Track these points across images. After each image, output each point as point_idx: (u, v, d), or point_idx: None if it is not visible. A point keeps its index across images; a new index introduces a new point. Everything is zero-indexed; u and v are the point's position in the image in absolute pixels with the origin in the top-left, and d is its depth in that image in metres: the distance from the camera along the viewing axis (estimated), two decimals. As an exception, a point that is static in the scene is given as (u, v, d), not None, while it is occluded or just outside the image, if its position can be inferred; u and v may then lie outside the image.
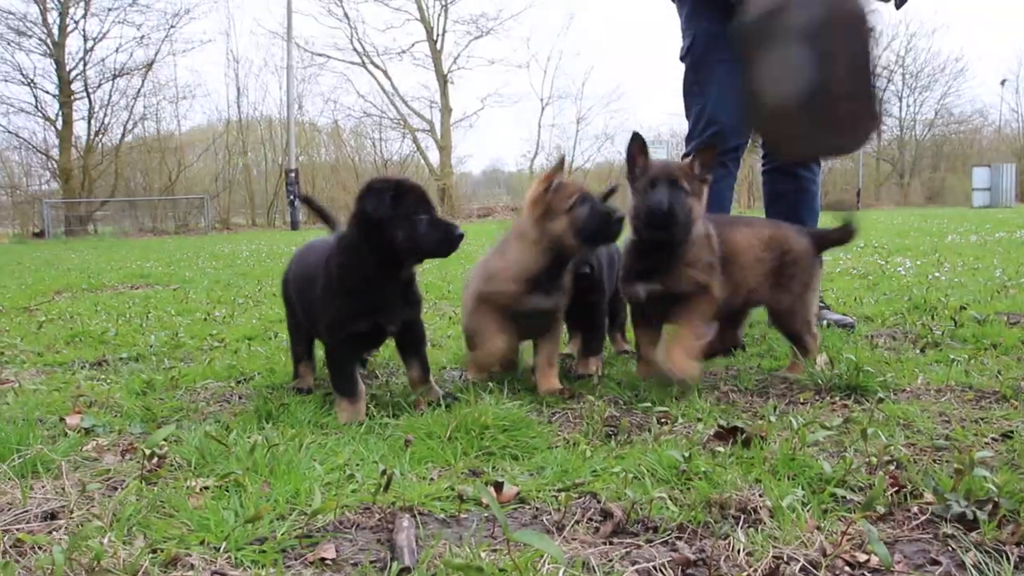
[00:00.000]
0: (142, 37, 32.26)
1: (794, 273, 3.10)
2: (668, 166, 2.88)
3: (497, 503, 1.33)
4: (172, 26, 32.21)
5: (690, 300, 2.91)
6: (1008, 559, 1.45)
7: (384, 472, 1.78)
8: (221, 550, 1.55)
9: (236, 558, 1.53)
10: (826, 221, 3.86)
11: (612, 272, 3.47)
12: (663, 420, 2.44)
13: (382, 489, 1.76)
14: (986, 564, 1.43)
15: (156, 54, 32.35)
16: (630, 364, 3.40)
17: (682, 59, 4.02)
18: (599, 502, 1.76)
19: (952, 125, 41.03)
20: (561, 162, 2.97)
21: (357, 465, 2.05)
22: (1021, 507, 1.63)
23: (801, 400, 2.75)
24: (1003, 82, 47.48)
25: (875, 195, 39.12)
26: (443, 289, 6.99)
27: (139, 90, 32.25)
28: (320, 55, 37.35)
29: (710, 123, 3.91)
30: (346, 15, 38.91)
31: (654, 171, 2.83)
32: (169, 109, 36.28)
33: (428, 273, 8.71)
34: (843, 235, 3.21)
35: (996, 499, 1.66)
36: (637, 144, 2.89)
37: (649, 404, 2.60)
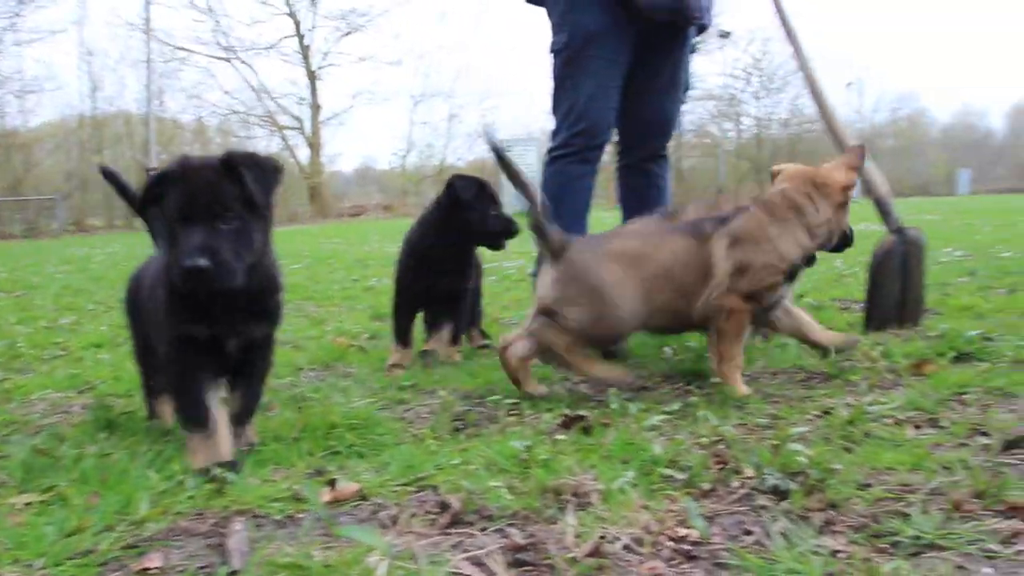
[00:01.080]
0: (-17, 26, 30.05)
1: None
2: None
3: (319, 500, 1.33)
4: (17, 14, 30.15)
5: None
6: (812, 524, 1.56)
7: (215, 477, 1.74)
8: (36, 567, 1.48)
9: (53, 573, 1.46)
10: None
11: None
12: (512, 412, 2.48)
13: (215, 494, 1.72)
14: (793, 530, 1.54)
15: (-1, 44, 30.21)
16: (484, 359, 3.45)
17: (554, 53, 4.05)
18: (438, 495, 1.78)
19: (805, 124, 43.39)
20: None
21: (194, 471, 1.99)
22: (828, 476, 1.76)
23: (648, 386, 2.86)
24: (848, 85, 50.68)
25: (736, 191, 41.01)
26: (309, 290, 6.87)
27: (-21, 83, 30.06)
28: (182, 48, 35.83)
29: (580, 118, 3.97)
30: (209, 8, 37.53)
31: None
32: (15, 103, 33.88)
33: (296, 274, 8.53)
34: None
35: (807, 470, 1.79)
36: None
37: (499, 397, 2.64)
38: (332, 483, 1.54)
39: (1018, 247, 7.31)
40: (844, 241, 3.07)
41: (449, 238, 3.40)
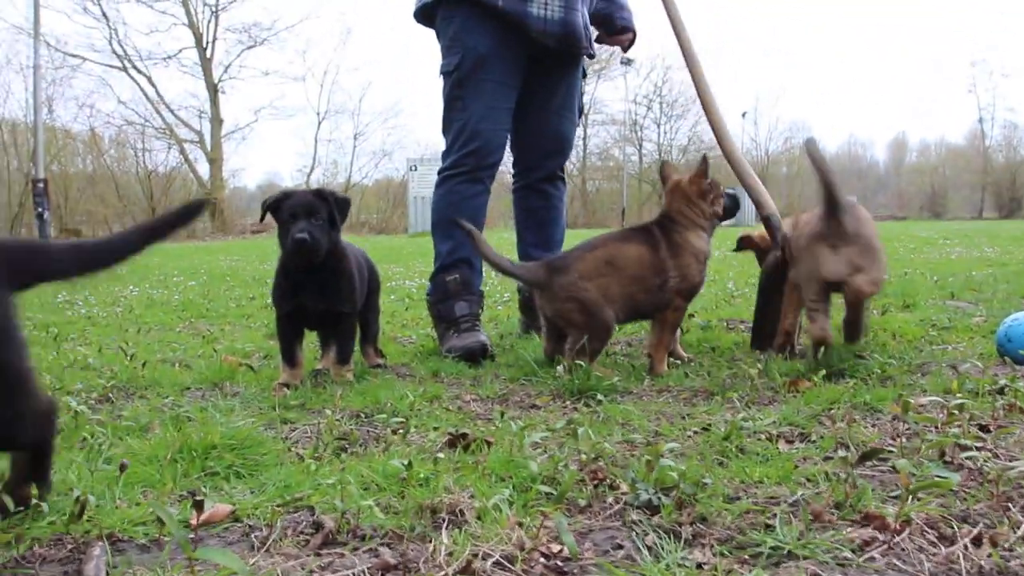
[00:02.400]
0: None
1: None
2: None
3: (175, 521, 1.29)
4: None
5: None
6: (681, 537, 1.60)
7: (77, 499, 1.67)
8: None
9: None
10: (571, 239, 4.11)
11: (363, 284, 3.51)
12: (398, 431, 2.46)
13: (75, 517, 1.64)
14: (661, 544, 1.57)
15: None
16: (374, 378, 3.42)
17: (445, 74, 4.08)
18: (313, 515, 1.75)
19: (703, 150, 44.97)
20: None
21: (60, 494, 1.90)
22: (699, 490, 1.82)
23: (536, 404, 2.89)
24: (744, 114, 52.77)
25: (638, 213, 42.03)
26: (203, 308, 6.68)
27: None
28: (74, 55, 34.48)
29: (471, 138, 4.01)
30: (104, 14, 36.15)
31: None
32: None
33: (190, 291, 8.28)
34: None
35: (680, 485, 1.83)
36: None
37: (385, 415, 2.62)
38: (200, 504, 1.49)
39: (893, 271, 7.72)
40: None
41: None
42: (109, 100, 53.08)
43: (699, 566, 1.49)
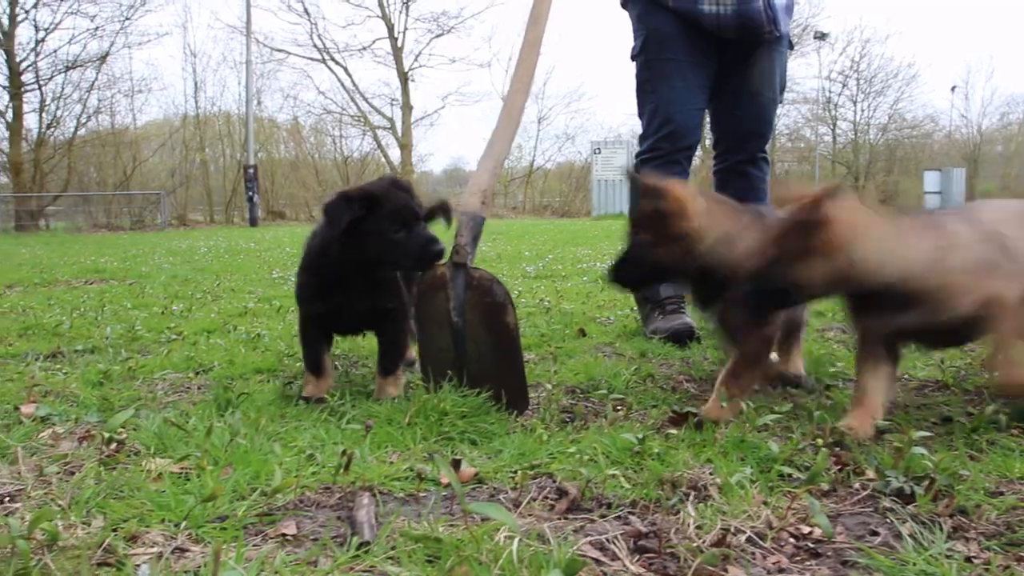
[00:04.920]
0: (96, 28, 31.45)
1: None
2: None
3: (456, 476, 1.37)
4: (127, 18, 31.52)
5: None
6: (942, 529, 1.52)
7: (344, 452, 1.81)
8: (181, 527, 1.57)
9: (197, 535, 1.54)
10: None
11: None
12: (618, 407, 2.49)
13: (342, 469, 1.79)
14: (921, 534, 1.50)
15: (111, 46, 31.63)
16: (589, 355, 3.46)
17: (633, 58, 4.06)
18: (555, 481, 1.81)
19: (905, 130, 41.92)
20: None
21: (317, 448, 2.07)
22: (955, 482, 1.72)
23: (754, 388, 2.83)
24: (953, 88, 48.71)
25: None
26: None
27: (93, 83, 31.54)
28: (280, 51, 36.92)
29: (665, 121, 3.96)
30: (306, 11, 38.43)
31: None
32: (124, 103, 35.58)
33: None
34: None
35: (933, 475, 1.74)
36: None
37: (604, 392, 2.65)
38: (457, 463, 1.58)
39: None
40: None
41: (344, 263, 2.73)
42: (310, 90, 56.65)
43: (968, 559, 1.42)
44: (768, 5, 3.85)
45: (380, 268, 2.74)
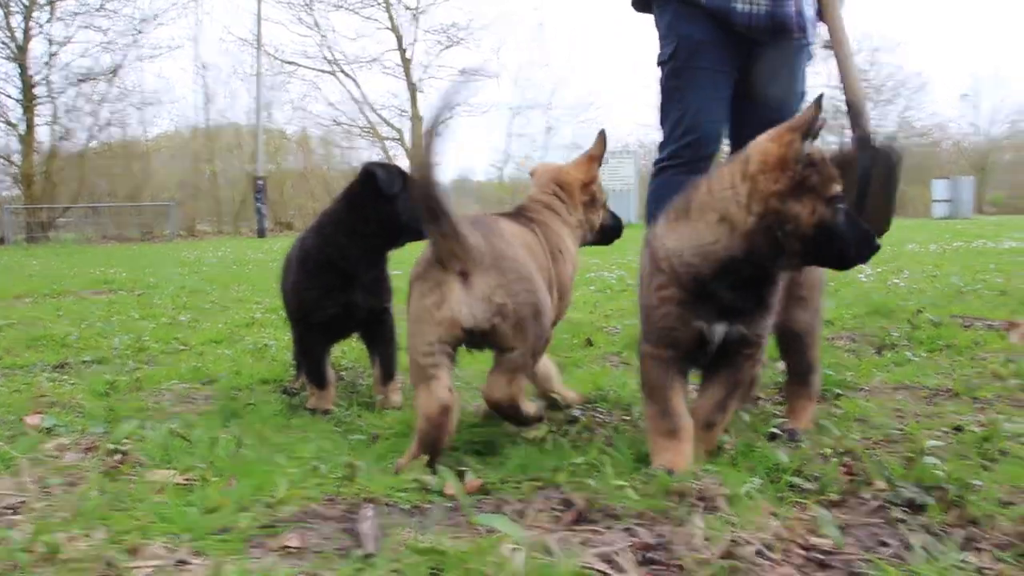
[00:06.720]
0: (108, 42, 31.73)
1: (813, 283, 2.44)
2: None
3: (461, 487, 1.35)
4: (139, 31, 31.80)
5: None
6: (953, 540, 1.50)
7: (349, 464, 1.80)
8: (183, 540, 1.56)
9: (199, 547, 1.53)
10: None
11: None
12: (624, 418, 2.47)
13: (346, 481, 1.77)
14: (932, 545, 1.48)
15: (123, 59, 31.92)
16: (594, 364, 3.44)
17: (661, 64, 4.04)
18: (561, 492, 1.79)
19: (914, 138, 41.72)
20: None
21: (321, 459, 2.06)
22: (966, 492, 1.69)
23: (760, 397, 2.80)
24: (963, 96, 48.54)
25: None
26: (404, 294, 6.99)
27: (105, 95, 31.83)
28: (289, 63, 37.05)
29: (690, 129, 3.94)
30: (316, 23, 38.58)
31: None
32: (135, 115, 35.72)
33: (399, 279, 8.67)
34: None
35: (944, 485, 1.72)
36: None
37: (610, 404, 2.64)
38: (462, 475, 1.57)
39: None
40: (613, 232, 2.98)
41: (369, 240, 2.79)
42: (319, 102, 56.76)
43: (980, 571, 1.39)
44: (799, 12, 3.86)
45: (403, 239, 2.82)
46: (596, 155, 2.82)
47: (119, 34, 31.49)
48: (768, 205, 1.83)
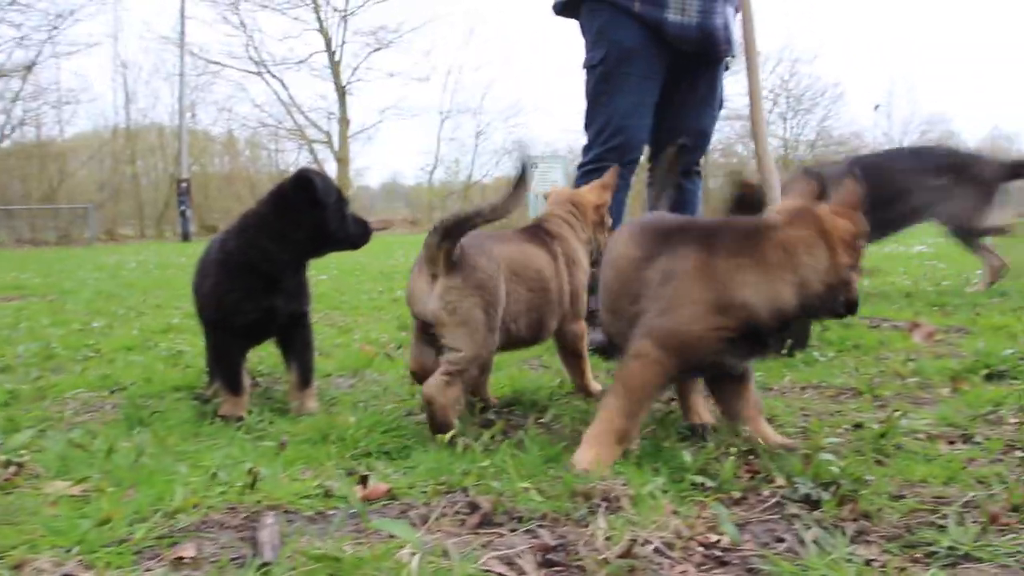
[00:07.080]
0: (22, 38, 30.61)
1: None
2: None
3: (356, 494, 1.34)
4: (55, 27, 30.74)
5: None
6: (844, 533, 1.55)
7: (250, 471, 1.76)
8: (72, 553, 1.50)
9: (88, 560, 1.48)
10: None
11: None
12: (539, 420, 2.48)
13: (248, 488, 1.74)
14: (825, 539, 1.52)
15: (37, 56, 30.79)
16: (512, 368, 3.45)
17: (589, 68, 4.08)
18: (467, 496, 1.79)
19: (832, 146, 43.07)
20: None
21: (226, 467, 2.01)
22: (859, 487, 1.75)
23: (673, 397, 2.85)
24: (876, 107, 50.27)
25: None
26: (336, 300, 6.92)
27: (18, 93, 30.63)
28: (214, 63, 36.29)
29: (615, 133, 3.99)
30: (242, 23, 37.93)
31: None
32: (51, 114, 34.46)
33: (323, 284, 8.59)
34: None
35: (839, 481, 1.77)
36: None
37: (523, 406, 2.65)
38: (364, 480, 1.55)
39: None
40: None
41: (296, 246, 2.72)
42: (245, 104, 55.80)
43: (868, 563, 1.44)
44: (725, 26, 3.96)
45: (328, 249, 2.83)
46: (608, 184, 3.06)
47: (33, 29, 30.45)
48: (841, 276, 2.02)
